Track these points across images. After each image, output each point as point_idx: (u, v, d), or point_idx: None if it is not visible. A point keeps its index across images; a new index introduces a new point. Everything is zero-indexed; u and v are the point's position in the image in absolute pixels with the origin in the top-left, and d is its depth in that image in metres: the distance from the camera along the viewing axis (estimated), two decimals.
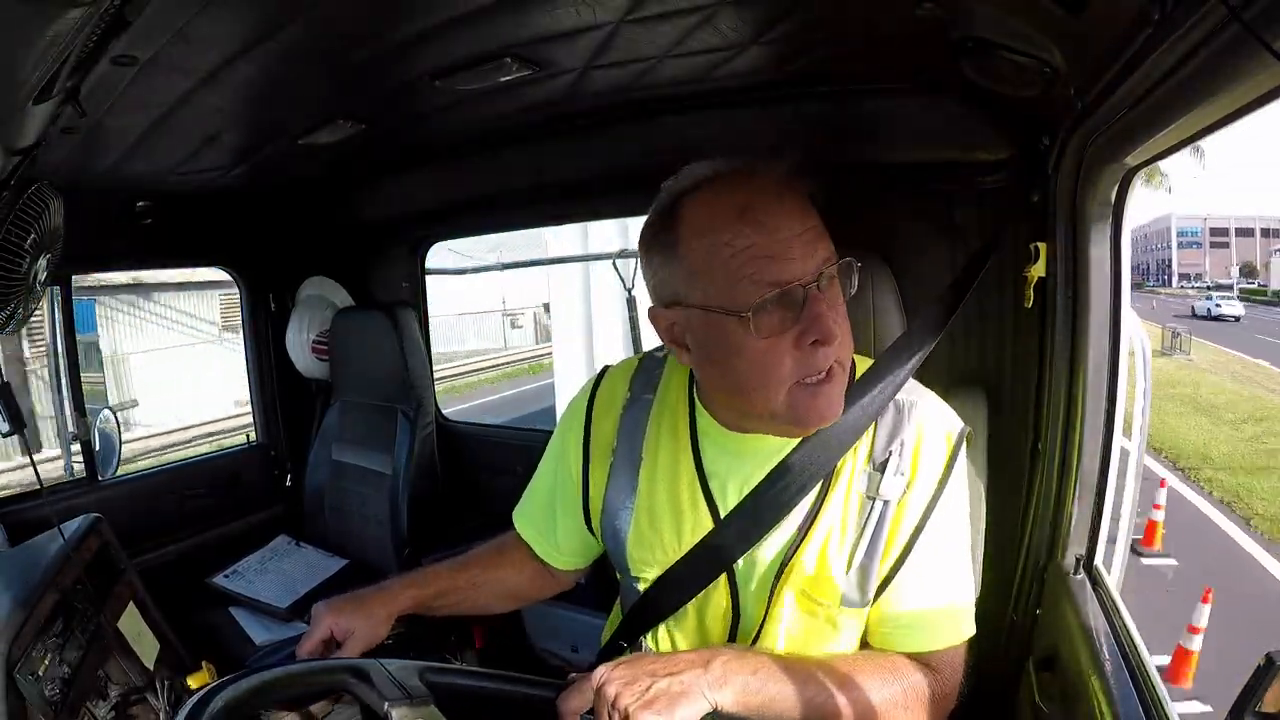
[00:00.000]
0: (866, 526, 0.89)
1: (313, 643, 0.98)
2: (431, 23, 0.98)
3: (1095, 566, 1.14)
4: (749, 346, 0.81)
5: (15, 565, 1.11)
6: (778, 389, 0.83)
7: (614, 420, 1.03)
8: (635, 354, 1.15)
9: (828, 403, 0.84)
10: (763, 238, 0.79)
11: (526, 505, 1.15)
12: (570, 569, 1.15)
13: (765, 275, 0.79)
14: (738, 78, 1.22)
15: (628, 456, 1.00)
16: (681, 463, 0.97)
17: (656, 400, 1.01)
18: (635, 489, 0.99)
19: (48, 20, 0.64)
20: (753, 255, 0.79)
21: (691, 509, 0.96)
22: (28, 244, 1.08)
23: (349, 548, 2.18)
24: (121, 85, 1.02)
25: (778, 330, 0.80)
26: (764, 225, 0.79)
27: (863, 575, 0.89)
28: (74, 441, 2.01)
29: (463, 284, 15.23)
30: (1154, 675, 0.90)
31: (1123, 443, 1.14)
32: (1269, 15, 0.52)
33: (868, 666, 0.88)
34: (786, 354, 0.81)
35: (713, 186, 0.84)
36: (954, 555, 0.92)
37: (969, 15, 0.91)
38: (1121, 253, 1.06)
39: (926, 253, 1.34)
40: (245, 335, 2.38)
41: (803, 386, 0.83)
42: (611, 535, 1.02)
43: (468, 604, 1.11)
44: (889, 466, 0.89)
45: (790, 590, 0.91)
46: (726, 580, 0.95)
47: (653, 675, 0.80)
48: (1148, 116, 0.79)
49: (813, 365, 0.82)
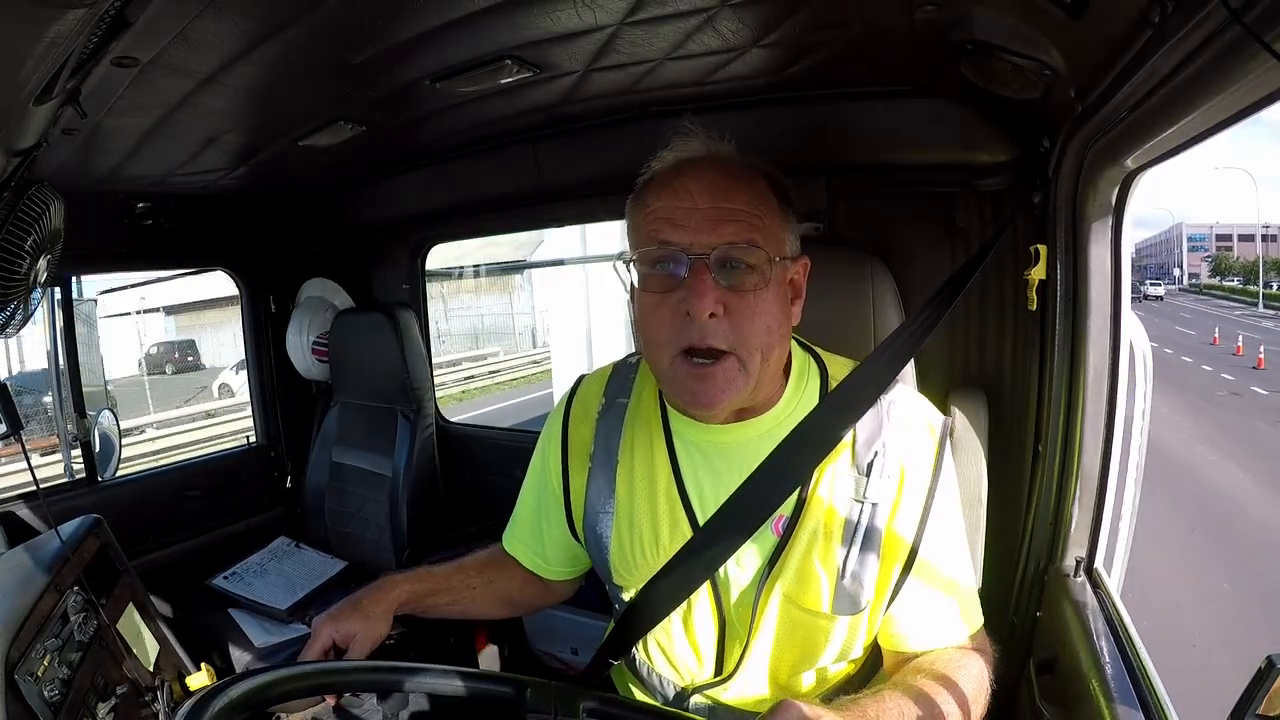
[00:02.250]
0: (857, 531, 0.87)
1: (315, 653, 0.97)
2: (431, 25, 0.98)
3: (1096, 569, 1.14)
4: (642, 300, 0.87)
5: (15, 566, 1.11)
6: (663, 352, 0.85)
7: (590, 425, 1.03)
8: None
9: (706, 389, 0.84)
10: (670, 203, 0.84)
11: (514, 527, 1.15)
12: (562, 579, 1.14)
13: (659, 234, 0.84)
14: (738, 80, 1.22)
15: (604, 460, 1.00)
16: (657, 463, 0.96)
17: (630, 404, 1.01)
18: (614, 493, 0.98)
19: (48, 21, 0.64)
20: (657, 216, 0.85)
21: (669, 514, 0.95)
22: (28, 245, 1.08)
23: (349, 550, 2.18)
24: (122, 87, 1.02)
25: (660, 289, 0.84)
26: (676, 193, 0.85)
27: (856, 580, 0.87)
28: (74, 442, 2.01)
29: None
30: (1155, 677, 0.90)
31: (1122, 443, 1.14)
32: (1269, 17, 0.52)
33: (934, 678, 0.85)
34: (668, 317, 0.84)
35: (672, 158, 0.90)
36: (958, 542, 0.93)
37: (969, 18, 0.91)
38: (1122, 255, 1.06)
39: (927, 255, 1.34)
40: (245, 337, 2.38)
41: (687, 361, 0.84)
42: (595, 543, 1.01)
43: (464, 607, 1.11)
44: (874, 469, 0.88)
45: (776, 598, 0.90)
46: (710, 589, 0.93)
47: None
48: (1148, 119, 0.79)
49: (688, 336, 0.83)
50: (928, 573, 0.89)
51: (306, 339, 2.29)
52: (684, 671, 0.99)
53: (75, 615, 1.08)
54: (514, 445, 2.32)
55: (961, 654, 0.89)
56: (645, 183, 0.90)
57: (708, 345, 0.83)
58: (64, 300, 2.00)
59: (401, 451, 2.12)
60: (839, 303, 1.21)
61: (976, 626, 0.93)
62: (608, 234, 4.76)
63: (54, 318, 2.02)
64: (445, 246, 2.62)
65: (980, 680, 0.87)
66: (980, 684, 0.87)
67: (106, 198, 1.71)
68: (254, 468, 2.37)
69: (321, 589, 2.00)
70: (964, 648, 0.91)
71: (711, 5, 0.94)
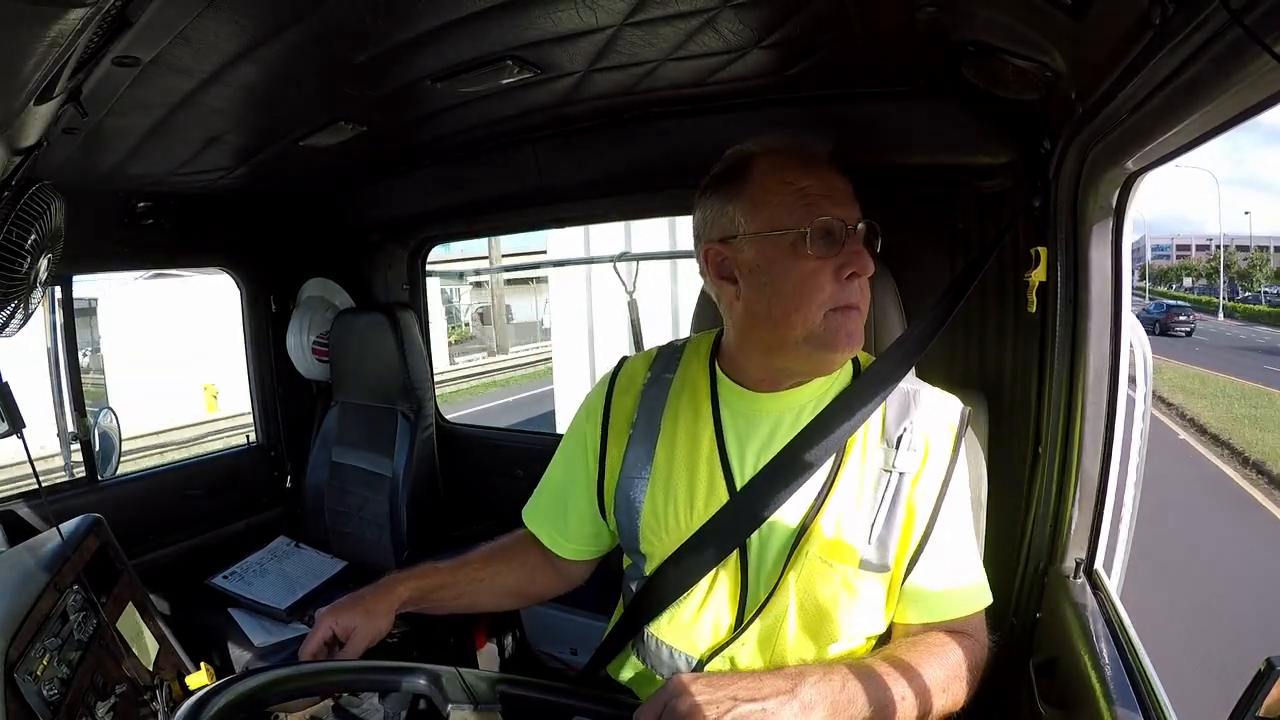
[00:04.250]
0: (885, 497, 0.94)
1: (315, 644, 0.99)
2: (432, 25, 0.98)
3: (1095, 570, 1.14)
4: (798, 267, 0.92)
5: (14, 565, 1.11)
6: (817, 311, 0.92)
7: (635, 396, 1.08)
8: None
9: (854, 329, 0.94)
10: (818, 181, 0.94)
11: (536, 501, 1.18)
12: (578, 559, 1.15)
13: (818, 209, 0.92)
14: (738, 81, 1.22)
15: (646, 429, 1.05)
16: (701, 431, 1.01)
17: (677, 378, 1.07)
18: (652, 460, 1.03)
19: (50, 21, 0.64)
20: (810, 192, 0.93)
21: (708, 480, 0.99)
22: (28, 244, 1.08)
23: (348, 549, 2.18)
24: (123, 86, 1.02)
25: (822, 255, 0.92)
26: (820, 175, 0.95)
27: (881, 543, 0.94)
28: (73, 441, 2.01)
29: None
30: (1154, 679, 0.90)
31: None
32: (1270, 19, 0.52)
33: (919, 651, 0.91)
34: (827, 280, 0.92)
35: (781, 147, 0.98)
36: (968, 527, 1.00)
37: (970, 19, 0.91)
38: (1122, 257, 1.06)
39: (927, 257, 1.34)
40: (245, 336, 2.38)
41: (835, 312, 0.93)
42: (625, 509, 1.04)
43: (468, 600, 1.12)
44: (902, 442, 0.96)
45: (806, 556, 0.94)
46: (738, 556, 0.97)
47: (734, 699, 0.79)
48: (1149, 121, 0.79)
49: (846, 296, 0.93)
50: (943, 544, 0.95)
51: (306, 339, 2.29)
52: (699, 641, 0.99)
53: (75, 614, 1.08)
54: (514, 445, 2.32)
55: (943, 640, 0.93)
56: (757, 164, 0.97)
57: (857, 302, 0.94)
58: (64, 300, 2.00)
59: (401, 451, 2.12)
60: None
61: (977, 609, 0.98)
62: (608, 234, 4.77)
63: (54, 317, 2.02)
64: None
65: (957, 669, 0.91)
66: (956, 672, 0.91)
67: (107, 197, 1.71)
68: (254, 467, 2.37)
69: (321, 589, 2.00)
70: (954, 633, 0.95)
71: (712, 6, 0.94)
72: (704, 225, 1.01)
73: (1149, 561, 4.52)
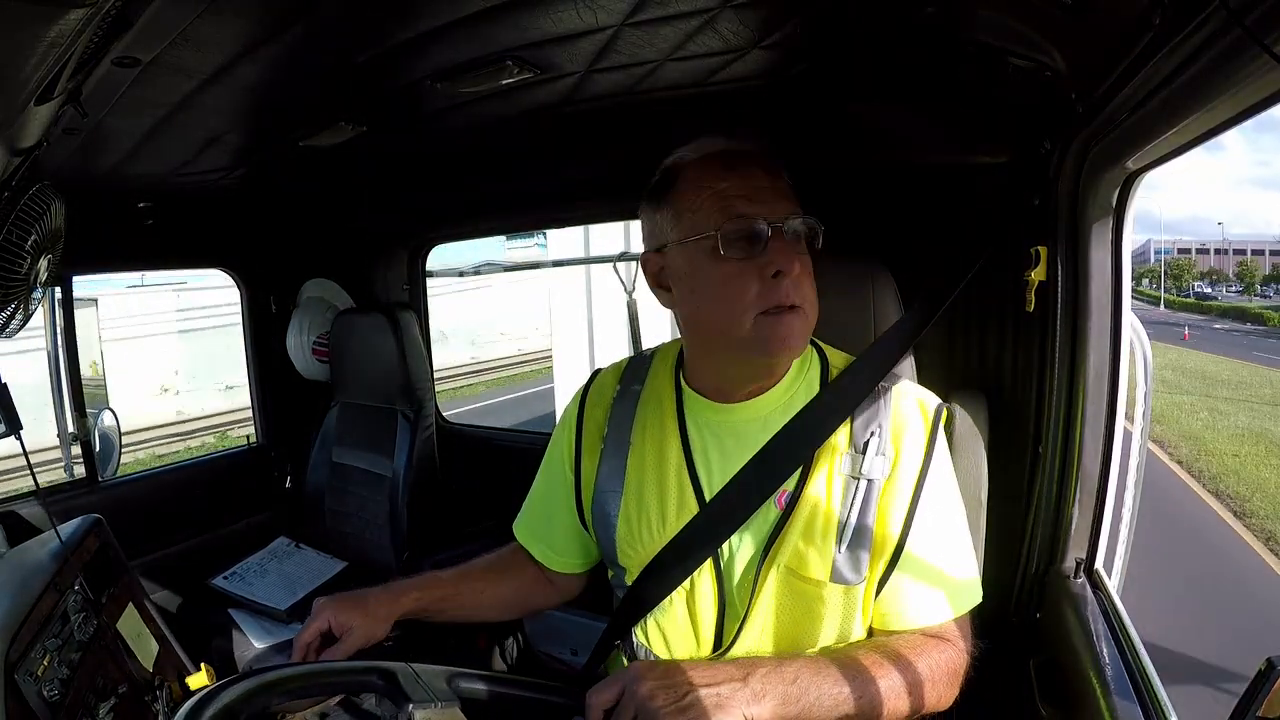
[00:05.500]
0: (853, 506, 0.92)
1: (310, 634, 0.99)
2: (432, 25, 0.98)
3: (1096, 570, 1.14)
4: (720, 271, 0.90)
5: (14, 566, 1.11)
6: (745, 314, 0.90)
7: (605, 409, 1.08)
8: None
9: (789, 330, 0.90)
10: (736, 181, 0.92)
11: (524, 515, 1.18)
12: (568, 572, 1.15)
13: (734, 209, 0.90)
14: (738, 81, 1.22)
15: (616, 442, 1.04)
16: (668, 442, 1.01)
17: (645, 389, 1.06)
18: (624, 473, 1.02)
19: (49, 21, 0.64)
20: (726, 193, 0.91)
21: (677, 491, 0.98)
22: (29, 245, 1.08)
23: (348, 550, 2.18)
24: (123, 86, 1.02)
25: (742, 256, 0.90)
26: (738, 172, 0.92)
27: (853, 554, 0.91)
28: (74, 442, 2.01)
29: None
30: (1155, 679, 0.90)
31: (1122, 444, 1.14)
32: (1269, 19, 0.52)
33: (889, 653, 0.89)
34: (752, 281, 0.89)
35: (710, 150, 0.96)
36: (950, 527, 0.95)
37: (970, 19, 0.91)
38: (1122, 257, 1.06)
39: (927, 256, 1.34)
40: (245, 337, 2.38)
41: (767, 315, 0.90)
42: (602, 523, 1.04)
43: (469, 612, 1.12)
44: (870, 447, 0.93)
45: (777, 569, 0.93)
46: (712, 565, 0.96)
47: (690, 685, 0.79)
48: (1149, 120, 0.79)
49: (774, 296, 0.89)
50: (920, 549, 0.92)
51: (306, 339, 2.29)
52: (683, 649, 1.00)
53: (75, 615, 1.08)
54: (514, 445, 2.32)
55: (914, 643, 0.91)
56: (684, 171, 0.96)
57: (791, 302, 0.90)
58: (64, 300, 2.00)
59: (401, 452, 2.12)
60: (839, 304, 1.20)
61: (962, 611, 0.94)
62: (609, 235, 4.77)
63: (54, 317, 2.02)
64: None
65: (937, 669, 0.89)
66: (936, 673, 0.89)
67: (107, 197, 1.71)
68: (254, 468, 2.37)
69: (321, 589, 1.99)
70: (937, 635, 0.93)
71: (712, 6, 0.94)
72: (645, 236, 1.02)
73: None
